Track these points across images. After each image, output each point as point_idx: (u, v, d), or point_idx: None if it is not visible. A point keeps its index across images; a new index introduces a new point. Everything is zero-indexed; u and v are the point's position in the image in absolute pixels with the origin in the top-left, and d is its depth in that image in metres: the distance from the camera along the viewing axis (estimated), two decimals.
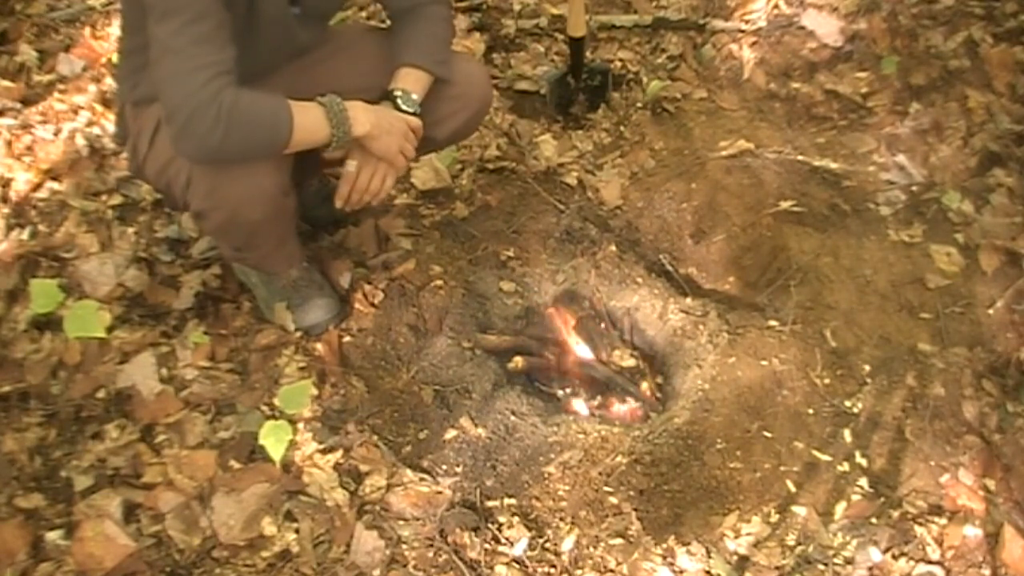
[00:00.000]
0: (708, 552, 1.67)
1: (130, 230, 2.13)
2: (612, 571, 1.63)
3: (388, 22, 1.88)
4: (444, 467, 1.76)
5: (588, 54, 2.61)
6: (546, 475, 1.75)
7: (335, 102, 1.56)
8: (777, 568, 1.66)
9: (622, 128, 2.60)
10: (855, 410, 1.92)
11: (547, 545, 1.66)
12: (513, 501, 1.72)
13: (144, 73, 1.57)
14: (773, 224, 2.31)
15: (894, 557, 1.69)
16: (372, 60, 1.79)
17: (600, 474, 1.75)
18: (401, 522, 1.66)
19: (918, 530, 1.73)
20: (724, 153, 2.51)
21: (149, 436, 1.75)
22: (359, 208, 1.76)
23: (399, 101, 1.70)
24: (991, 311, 2.14)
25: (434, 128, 1.77)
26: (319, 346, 1.92)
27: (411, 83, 1.72)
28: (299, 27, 1.69)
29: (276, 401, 1.81)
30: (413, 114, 1.70)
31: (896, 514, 1.75)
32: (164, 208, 2.19)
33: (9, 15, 2.73)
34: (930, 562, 1.68)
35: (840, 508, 1.76)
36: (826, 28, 2.87)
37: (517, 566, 1.62)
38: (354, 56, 1.80)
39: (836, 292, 2.16)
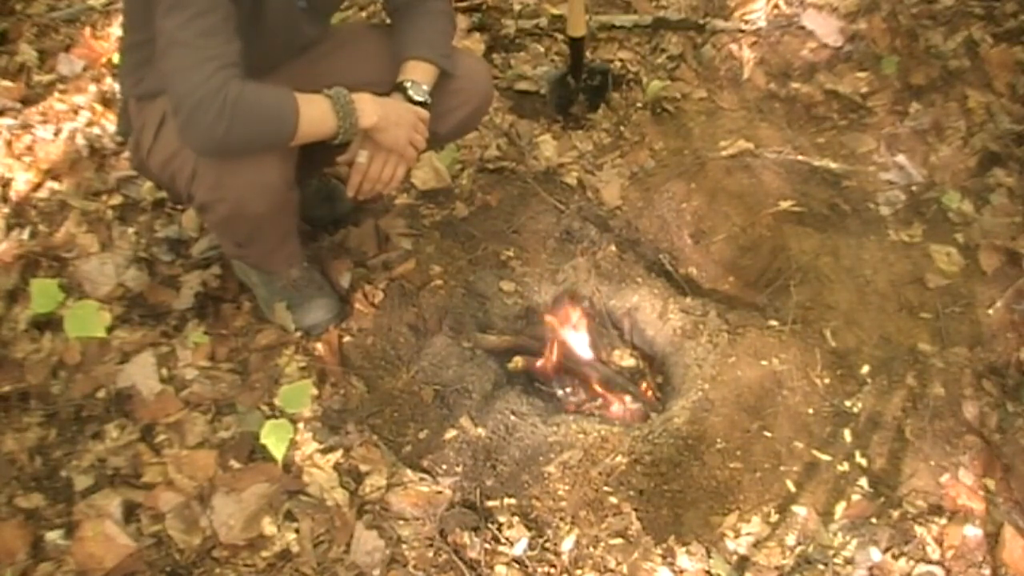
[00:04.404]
0: (708, 552, 1.67)
1: (130, 230, 2.13)
2: (612, 571, 1.63)
3: (388, 21, 1.88)
4: (444, 467, 1.76)
5: (588, 54, 2.61)
6: (546, 475, 1.75)
7: (342, 94, 1.56)
8: (777, 568, 1.66)
9: (622, 128, 2.60)
10: (855, 410, 1.92)
11: (547, 545, 1.66)
12: (513, 501, 1.72)
13: (148, 68, 1.58)
14: (773, 224, 2.31)
15: (894, 557, 1.69)
16: (376, 55, 1.80)
17: (600, 474, 1.75)
18: (401, 522, 1.66)
19: (918, 530, 1.73)
20: (724, 153, 2.51)
21: (149, 436, 1.76)
22: (371, 198, 1.76)
23: (410, 91, 1.70)
24: (991, 311, 2.14)
25: (437, 122, 1.77)
26: (319, 346, 1.92)
27: (419, 75, 1.73)
28: (304, 21, 1.70)
29: (276, 401, 1.81)
30: (423, 104, 1.71)
31: (896, 514, 1.75)
32: (164, 208, 2.19)
33: (9, 15, 2.73)
34: (930, 562, 1.68)
35: (840, 508, 1.76)
36: (826, 28, 2.88)
37: (517, 566, 1.62)
38: (358, 51, 1.81)
39: (836, 292, 2.16)
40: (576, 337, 2.06)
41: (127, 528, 1.60)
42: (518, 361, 1.97)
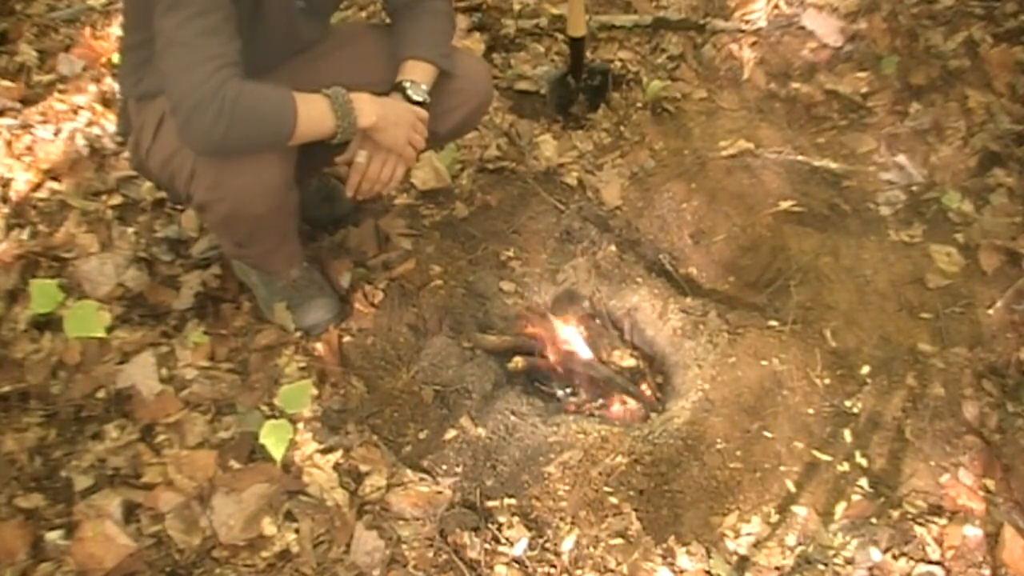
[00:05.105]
0: (708, 552, 1.67)
1: (130, 230, 2.13)
2: (612, 571, 1.63)
3: (388, 20, 1.88)
4: (444, 467, 1.76)
5: (588, 54, 2.61)
6: (546, 475, 1.75)
7: (340, 94, 1.56)
8: (777, 568, 1.66)
9: (622, 128, 2.60)
10: (855, 410, 1.92)
11: (547, 545, 1.66)
12: (513, 501, 1.72)
13: (148, 68, 1.58)
14: (773, 224, 2.31)
15: (894, 557, 1.69)
16: (375, 55, 1.80)
17: (600, 474, 1.75)
18: (401, 522, 1.66)
19: (918, 530, 1.73)
20: (724, 153, 2.51)
21: (149, 436, 1.76)
22: (370, 198, 1.76)
23: (409, 91, 1.70)
24: (991, 311, 2.14)
25: (436, 122, 1.77)
26: (319, 346, 1.92)
27: (418, 74, 1.73)
28: (303, 21, 1.70)
29: (276, 401, 1.81)
30: (422, 103, 1.71)
31: (896, 514, 1.75)
32: (164, 208, 2.19)
33: (9, 15, 2.73)
34: (930, 562, 1.68)
35: (840, 508, 1.76)
36: (826, 28, 2.88)
37: (517, 566, 1.62)
38: (357, 51, 1.81)
39: (836, 292, 2.16)
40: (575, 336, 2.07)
41: (127, 528, 1.60)
42: (518, 361, 1.97)
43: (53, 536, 1.59)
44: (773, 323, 2.07)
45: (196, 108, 1.41)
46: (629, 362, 2.09)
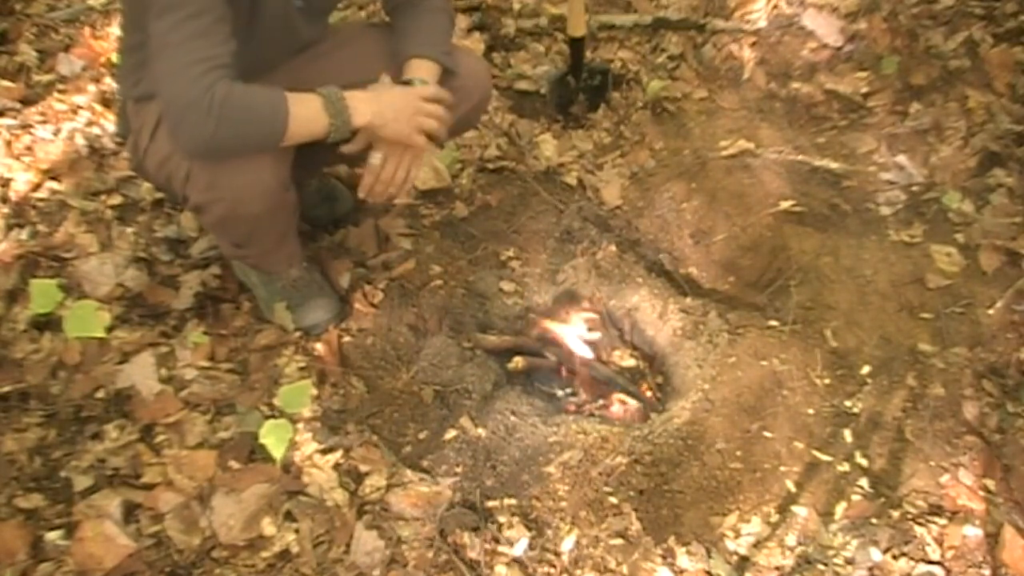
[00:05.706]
0: (708, 552, 1.67)
1: (130, 230, 2.13)
2: (612, 571, 1.63)
3: (388, 19, 1.88)
4: (444, 467, 1.76)
5: (588, 54, 2.61)
6: (546, 475, 1.75)
7: (334, 93, 1.56)
8: (777, 568, 1.66)
9: (622, 128, 2.60)
10: (855, 410, 1.92)
11: (547, 545, 1.66)
12: (513, 501, 1.72)
13: (146, 69, 1.58)
14: (773, 224, 2.31)
15: (894, 557, 1.69)
16: (375, 54, 1.79)
17: (600, 474, 1.75)
18: (401, 522, 1.66)
19: (918, 530, 1.73)
20: (724, 153, 2.51)
21: (149, 436, 1.75)
22: (383, 201, 1.75)
23: (416, 86, 1.70)
24: (991, 311, 2.14)
25: None
26: (319, 346, 1.92)
27: (423, 72, 1.73)
28: (301, 21, 1.70)
29: (276, 401, 1.81)
30: None
31: (896, 514, 1.75)
32: (164, 208, 2.19)
33: (9, 15, 2.73)
34: (930, 562, 1.68)
35: (840, 508, 1.76)
36: (826, 28, 2.88)
37: (517, 566, 1.62)
38: (356, 50, 1.81)
39: (836, 292, 2.16)
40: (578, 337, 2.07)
41: (127, 528, 1.60)
42: (518, 361, 1.97)
43: (53, 536, 1.59)
44: (773, 323, 2.07)
45: (186, 111, 1.41)
46: (629, 362, 2.10)
